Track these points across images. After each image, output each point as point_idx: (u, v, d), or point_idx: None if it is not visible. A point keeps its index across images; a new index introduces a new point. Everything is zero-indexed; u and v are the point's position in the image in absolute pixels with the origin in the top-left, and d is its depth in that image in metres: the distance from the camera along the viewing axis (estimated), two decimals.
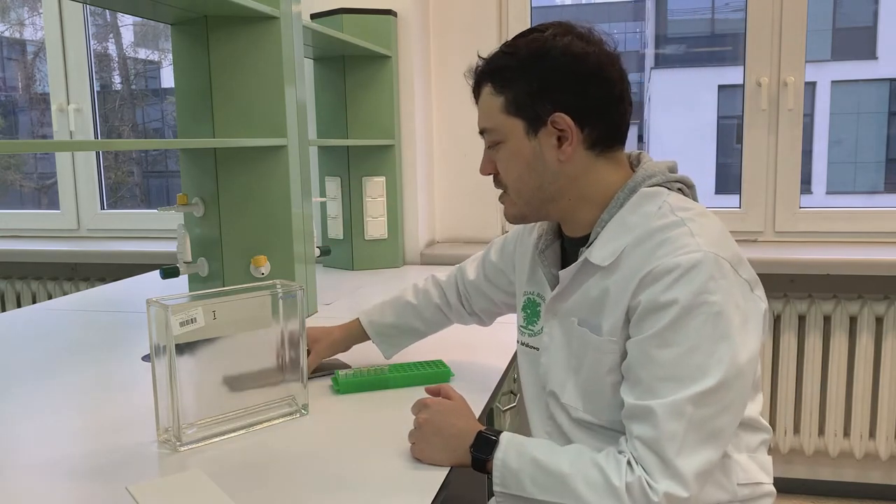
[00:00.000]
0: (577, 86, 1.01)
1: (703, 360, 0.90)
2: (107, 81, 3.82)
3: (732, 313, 0.91)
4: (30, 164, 4.10)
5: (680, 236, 0.95)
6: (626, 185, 1.04)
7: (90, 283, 2.99)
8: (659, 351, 0.91)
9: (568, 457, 0.95)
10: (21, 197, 4.17)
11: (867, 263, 2.26)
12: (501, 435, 1.00)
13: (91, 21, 3.15)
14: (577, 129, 1.01)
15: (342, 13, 2.33)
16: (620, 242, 0.99)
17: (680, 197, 1.04)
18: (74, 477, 0.98)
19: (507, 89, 1.04)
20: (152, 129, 4.20)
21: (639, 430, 0.91)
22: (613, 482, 0.90)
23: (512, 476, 0.96)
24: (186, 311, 1.03)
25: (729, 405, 0.91)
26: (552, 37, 1.02)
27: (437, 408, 1.05)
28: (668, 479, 0.88)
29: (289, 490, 0.93)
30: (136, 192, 4.11)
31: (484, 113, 1.08)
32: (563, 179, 1.04)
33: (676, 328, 0.90)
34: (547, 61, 1.01)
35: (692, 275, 0.91)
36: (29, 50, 4.04)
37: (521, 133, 1.04)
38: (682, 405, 0.89)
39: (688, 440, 0.89)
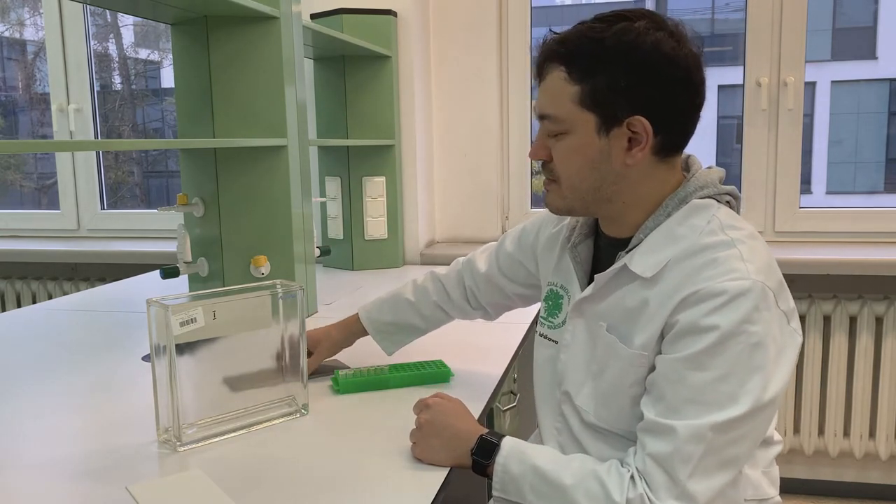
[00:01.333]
0: (664, 89, 0.95)
1: (734, 389, 0.87)
2: (107, 81, 3.82)
3: (770, 345, 0.89)
4: (30, 164, 4.10)
5: (729, 259, 0.91)
6: (677, 194, 0.99)
7: (90, 283, 2.99)
8: (691, 373, 0.89)
9: (570, 468, 0.93)
10: (21, 197, 4.17)
11: (867, 263, 2.26)
12: (504, 440, 0.98)
13: (91, 21, 3.15)
14: (652, 135, 0.96)
15: (342, 13, 2.33)
16: (665, 254, 0.96)
17: (729, 213, 1.00)
18: (74, 477, 0.98)
19: (586, 79, 0.95)
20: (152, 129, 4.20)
21: (654, 446, 0.89)
22: (614, 497, 0.88)
23: (512, 482, 0.95)
24: (186, 311, 1.03)
25: (749, 434, 0.90)
26: (644, 30, 0.94)
27: (439, 409, 1.04)
28: (675, 500, 0.86)
29: (289, 490, 0.93)
30: (136, 192, 4.11)
31: (551, 98, 0.99)
32: (621, 182, 0.99)
33: (713, 353, 0.88)
34: (636, 57, 0.93)
35: (738, 302, 0.88)
36: (29, 50, 4.04)
37: (591, 129, 0.97)
38: (704, 430, 0.87)
39: (702, 464, 0.87)
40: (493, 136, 2.65)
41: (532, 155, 1.05)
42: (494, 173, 2.67)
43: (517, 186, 2.74)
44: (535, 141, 1.04)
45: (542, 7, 2.94)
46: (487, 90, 2.63)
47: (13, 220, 3.26)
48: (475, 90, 2.63)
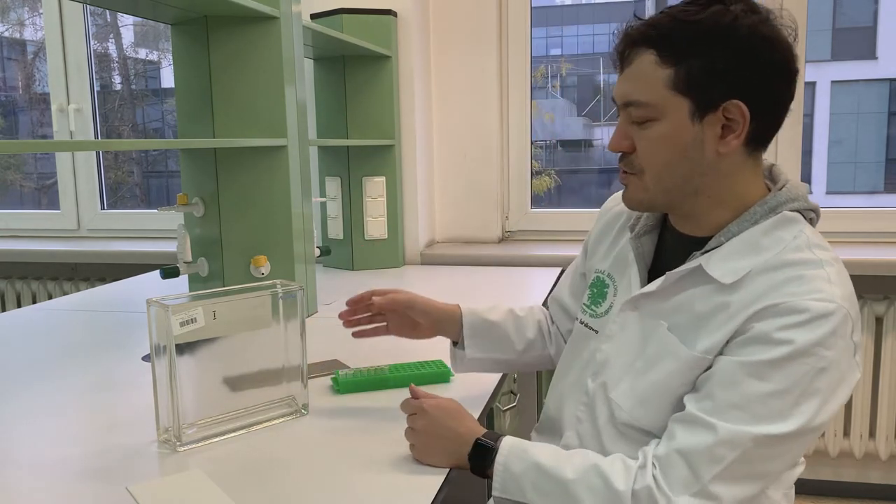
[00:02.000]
0: (762, 73, 0.91)
1: (787, 407, 0.85)
2: (107, 81, 3.82)
3: (834, 373, 0.86)
4: (30, 164, 4.10)
5: (816, 279, 0.88)
6: (767, 201, 0.96)
7: (90, 283, 2.99)
8: (749, 380, 0.86)
9: (572, 463, 0.92)
10: (21, 197, 4.17)
11: (867, 263, 2.26)
12: (503, 440, 0.97)
13: (91, 21, 3.15)
14: (748, 122, 0.92)
15: (342, 13, 2.33)
16: (747, 263, 0.92)
17: (815, 231, 0.96)
18: (74, 477, 0.98)
19: (682, 62, 0.91)
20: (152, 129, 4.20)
21: (686, 439, 0.87)
22: (617, 486, 0.87)
23: (513, 481, 0.93)
24: (186, 311, 1.03)
25: (786, 454, 0.88)
26: (742, 13, 0.90)
27: (434, 413, 1.01)
28: (692, 496, 0.85)
29: (289, 490, 0.93)
30: (136, 192, 4.11)
31: (640, 84, 0.94)
32: (711, 175, 0.95)
33: (779, 367, 0.85)
34: (734, 40, 0.90)
35: (818, 324, 0.85)
36: (29, 50, 4.04)
37: (684, 114, 0.92)
38: (745, 439, 0.85)
39: (730, 470, 0.85)
40: (493, 136, 2.65)
41: (614, 146, 0.99)
42: (494, 173, 2.67)
43: (517, 186, 2.74)
44: (616, 131, 0.99)
45: (542, 7, 2.94)
46: (487, 90, 2.62)
47: (13, 220, 3.27)
48: (475, 90, 2.63)
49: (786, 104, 0.95)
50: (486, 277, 2.28)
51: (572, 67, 3.80)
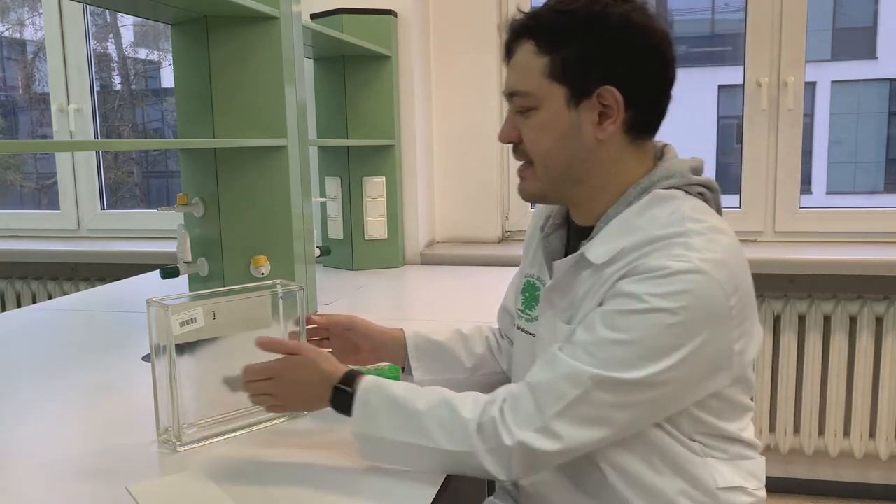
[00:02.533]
0: (634, 59, 0.94)
1: (629, 358, 0.87)
2: (107, 81, 3.82)
3: (689, 334, 0.87)
4: (30, 164, 4.10)
5: (676, 245, 0.90)
6: (640, 183, 0.98)
7: (90, 283, 2.99)
8: (601, 327, 0.89)
9: (426, 397, 0.94)
10: (21, 197, 4.17)
11: (867, 263, 2.26)
12: (363, 379, 0.97)
13: (91, 21, 3.15)
14: (623, 107, 0.94)
15: (342, 13, 2.33)
16: (620, 243, 0.94)
17: (698, 206, 0.97)
18: (74, 477, 0.98)
19: (556, 51, 0.94)
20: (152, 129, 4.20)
21: (537, 373, 0.90)
22: (464, 415, 0.89)
23: (371, 415, 0.94)
24: (186, 311, 1.03)
25: (630, 405, 0.88)
26: (612, 2, 0.94)
27: (288, 373, 1.01)
28: (534, 431, 0.87)
29: (289, 490, 0.93)
30: (136, 192, 4.11)
31: (520, 74, 0.98)
32: (592, 161, 0.97)
33: (627, 317, 0.87)
34: (606, 27, 0.93)
35: (672, 280, 0.87)
36: (29, 50, 4.04)
37: (560, 101, 0.96)
38: (584, 377, 0.87)
39: (573, 410, 0.87)
40: (492, 136, 2.64)
41: (501, 137, 1.03)
42: (494, 173, 2.67)
43: (517, 186, 2.74)
44: (505, 122, 1.02)
45: None
46: (487, 90, 2.63)
47: (13, 220, 3.26)
48: (475, 90, 2.63)
49: (662, 90, 0.98)
50: (486, 277, 2.28)
51: None
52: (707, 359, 0.90)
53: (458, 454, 0.90)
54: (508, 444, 0.87)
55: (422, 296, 2.17)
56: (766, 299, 2.39)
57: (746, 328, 0.93)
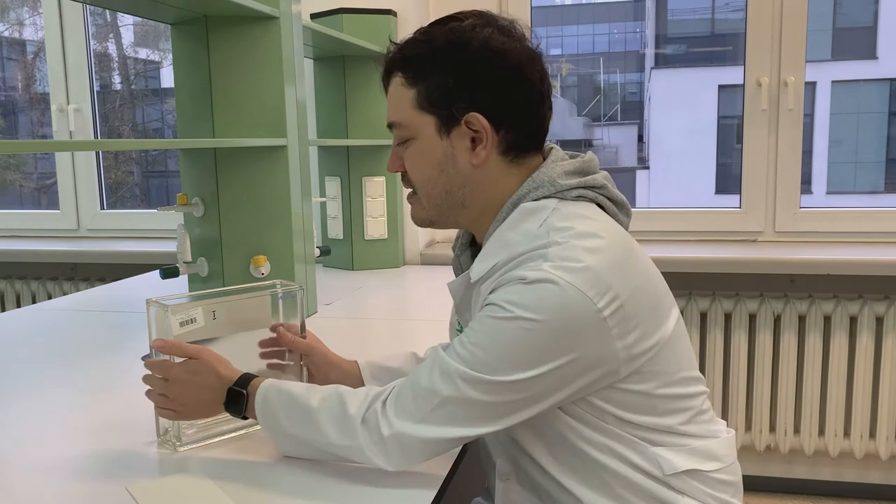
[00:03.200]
0: (495, 84, 0.95)
1: (491, 360, 0.88)
2: (107, 81, 3.82)
3: (547, 339, 0.87)
4: (30, 164, 4.10)
5: (535, 258, 0.90)
6: (511, 199, 0.98)
7: (90, 283, 2.99)
8: (470, 332, 0.91)
9: (320, 393, 0.96)
10: (21, 197, 4.18)
11: (867, 263, 2.26)
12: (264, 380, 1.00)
13: (91, 21, 3.15)
14: (492, 131, 0.96)
15: (342, 13, 2.33)
16: (493, 259, 0.96)
17: (569, 212, 0.96)
18: (74, 477, 0.98)
19: (420, 82, 0.97)
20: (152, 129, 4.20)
21: (416, 371, 0.93)
22: (349, 411, 0.92)
23: (269, 410, 0.97)
24: (186, 311, 1.03)
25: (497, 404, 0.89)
26: (471, 28, 0.95)
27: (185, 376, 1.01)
28: (411, 422, 0.89)
29: (288, 490, 0.93)
30: (136, 192, 4.11)
31: (393, 105, 1.01)
32: (471, 185, 0.99)
33: (487, 323, 0.89)
34: (464, 54, 0.94)
35: (529, 289, 0.88)
36: (29, 50, 4.04)
37: (432, 131, 0.98)
38: (454, 375, 0.89)
39: (448, 406, 0.89)
40: None
41: (389, 167, 1.06)
42: None
43: None
44: (391, 154, 1.05)
45: (541, 7, 2.94)
46: None
47: (13, 220, 3.27)
48: None
49: (531, 109, 0.98)
50: None
51: (572, 67, 3.81)
52: (581, 362, 0.89)
53: (347, 448, 0.93)
54: (386, 434, 0.90)
55: (422, 296, 2.17)
56: (766, 299, 2.39)
57: (635, 324, 0.91)
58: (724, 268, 2.35)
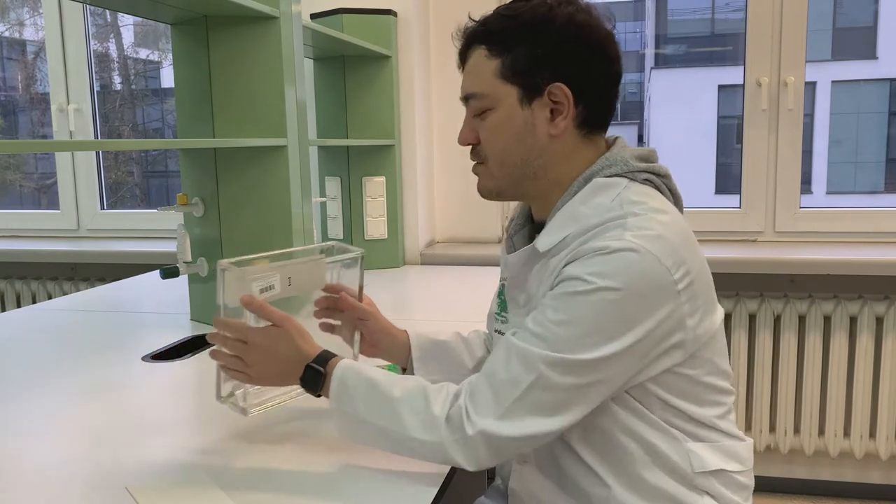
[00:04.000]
0: (580, 58, 0.98)
1: (577, 337, 0.88)
2: (107, 81, 3.82)
3: (633, 309, 0.89)
4: (30, 164, 4.10)
5: (613, 227, 0.93)
6: (584, 173, 1.01)
7: (90, 283, 2.99)
8: (548, 311, 0.91)
9: (402, 384, 0.96)
10: (21, 197, 4.18)
11: (867, 263, 2.26)
12: (341, 360, 0.99)
13: (91, 21, 3.15)
14: (573, 103, 0.99)
15: (342, 13, 2.33)
16: (563, 231, 0.98)
17: (641, 190, 0.99)
18: (74, 477, 0.98)
19: (506, 53, 0.99)
20: (152, 129, 4.20)
21: (489, 363, 0.92)
22: (434, 411, 0.91)
23: (346, 393, 0.97)
24: (266, 278, 1.02)
25: (586, 386, 0.89)
26: (556, 4, 0.99)
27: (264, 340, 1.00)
28: (494, 419, 0.88)
29: (288, 490, 0.93)
30: (136, 192, 4.11)
31: (474, 77, 1.03)
32: (547, 156, 1.02)
33: (571, 299, 0.90)
34: (551, 28, 0.98)
35: (610, 258, 0.89)
36: (29, 50, 4.04)
37: (514, 101, 1.00)
38: (537, 360, 0.88)
39: (531, 396, 0.88)
40: None
41: (461, 140, 1.07)
42: None
43: None
44: (463, 126, 1.06)
45: None
46: None
47: (13, 220, 3.27)
48: None
49: (609, 85, 1.02)
50: (486, 277, 2.28)
51: None
52: (658, 333, 0.91)
53: (427, 443, 0.92)
54: (471, 433, 0.89)
55: (422, 296, 2.17)
56: (766, 299, 2.39)
57: (700, 304, 0.95)
58: (724, 268, 2.35)
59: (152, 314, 1.91)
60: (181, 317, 1.83)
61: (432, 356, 1.22)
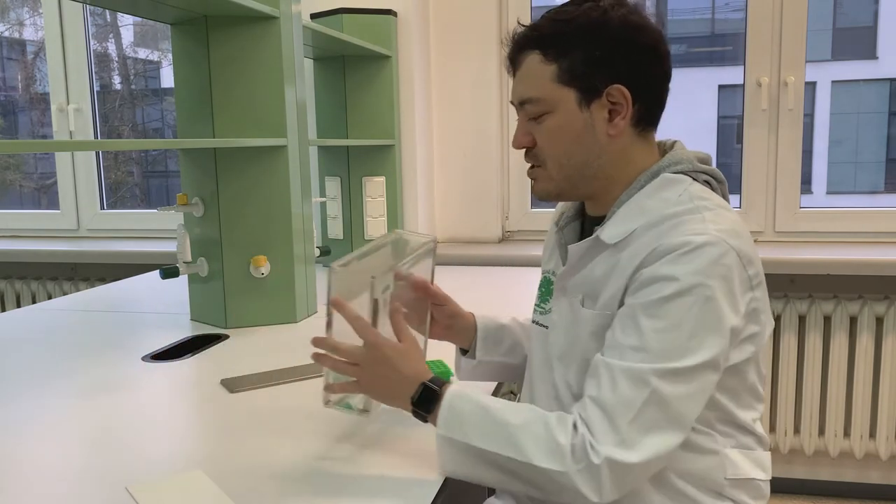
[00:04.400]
0: (636, 58, 1.00)
1: (683, 341, 0.89)
2: (107, 81, 3.82)
3: (724, 304, 0.90)
4: (30, 164, 4.10)
5: (692, 221, 0.94)
6: (650, 168, 1.03)
7: (90, 283, 2.99)
8: (644, 320, 0.90)
9: (517, 410, 0.94)
10: (21, 197, 4.17)
11: (867, 263, 2.26)
12: (451, 384, 0.97)
13: (91, 21, 3.15)
14: (631, 102, 1.00)
15: (342, 13, 2.33)
16: (633, 223, 0.99)
17: (703, 188, 1.02)
18: (74, 476, 0.98)
19: (563, 57, 1.00)
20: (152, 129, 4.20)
21: (594, 389, 0.91)
22: (559, 439, 0.89)
23: (457, 420, 0.94)
24: (385, 279, 1.01)
25: (696, 393, 0.90)
26: (610, 6, 1.00)
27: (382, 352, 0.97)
28: (615, 446, 0.86)
29: (288, 490, 0.93)
30: (136, 192, 4.11)
31: (529, 82, 1.03)
32: (606, 156, 1.02)
33: (667, 303, 0.89)
34: (606, 31, 0.99)
35: (696, 254, 0.90)
36: (29, 50, 4.04)
37: (572, 104, 1.01)
38: (646, 375, 0.88)
39: (646, 415, 0.87)
40: (492, 136, 2.65)
41: (516, 144, 1.07)
42: (494, 173, 2.67)
43: (517, 186, 2.74)
44: (517, 129, 1.07)
45: (542, 7, 2.94)
46: (487, 90, 2.62)
47: (13, 220, 3.27)
48: (475, 90, 2.63)
49: (663, 83, 1.04)
50: (486, 277, 2.28)
51: None
52: (741, 325, 0.94)
53: (550, 472, 0.88)
54: (597, 462, 0.86)
55: None
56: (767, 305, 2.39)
57: (763, 305, 0.98)
58: None
59: (152, 314, 1.91)
60: (181, 317, 1.83)
61: (494, 337, 1.24)
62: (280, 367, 1.39)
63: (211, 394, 1.28)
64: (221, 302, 1.71)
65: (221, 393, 1.28)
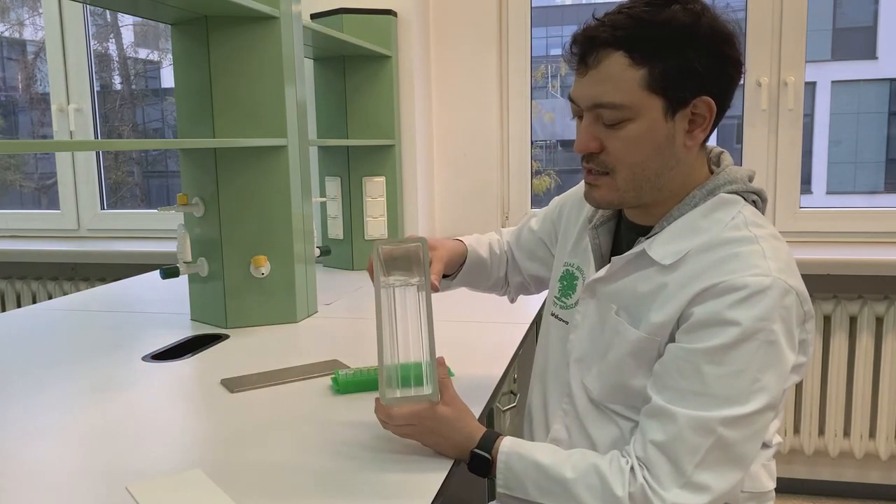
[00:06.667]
0: (724, 70, 0.95)
1: (747, 386, 0.88)
2: (107, 81, 3.81)
3: (785, 345, 0.90)
4: (30, 164, 4.10)
5: (752, 255, 0.91)
6: (706, 186, 0.99)
7: (90, 283, 2.99)
8: (707, 366, 0.89)
9: (570, 462, 0.94)
10: (21, 197, 4.17)
11: (867, 263, 2.26)
12: (502, 443, 0.98)
13: (91, 21, 3.15)
14: (714, 116, 0.96)
15: (342, 13, 2.33)
16: (686, 244, 0.96)
17: (754, 211, 1.00)
18: (74, 476, 0.98)
19: (654, 63, 0.92)
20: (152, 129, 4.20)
21: (656, 433, 0.89)
22: (616, 492, 0.88)
23: (515, 479, 0.95)
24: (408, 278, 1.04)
25: (757, 433, 0.90)
26: (700, 11, 0.93)
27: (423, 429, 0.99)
28: (680, 489, 0.86)
29: (288, 489, 0.93)
30: (136, 192, 4.10)
31: (611, 85, 0.94)
32: (677, 168, 0.98)
33: (731, 349, 0.88)
34: (700, 39, 0.92)
35: (759, 298, 0.88)
36: (29, 50, 4.04)
37: (658, 113, 0.94)
38: (713, 423, 0.87)
39: (710, 458, 0.87)
40: (493, 136, 2.65)
41: (582, 148, 0.99)
42: (494, 173, 2.67)
43: (517, 186, 2.74)
44: (583, 132, 0.99)
45: (541, 7, 2.94)
46: (487, 90, 2.63)
47: (13, 220, 3.26)
48: (475, 90, 2.63)
49: (733, 95, 0.99)
50: None
51: None
52: (802, 360, 0.95)
53: None
54: None
55: None
56: None
57: (812, 330, 0.98)
58: None
59: (152, 314, 1.91)
60: (181, 317, 1.83)
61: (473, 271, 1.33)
62: (280, 367, 1.40)
63: (211, 394, 1.28)
64: (221, 302, 1.71)
65: (221, 393, 1.28)
